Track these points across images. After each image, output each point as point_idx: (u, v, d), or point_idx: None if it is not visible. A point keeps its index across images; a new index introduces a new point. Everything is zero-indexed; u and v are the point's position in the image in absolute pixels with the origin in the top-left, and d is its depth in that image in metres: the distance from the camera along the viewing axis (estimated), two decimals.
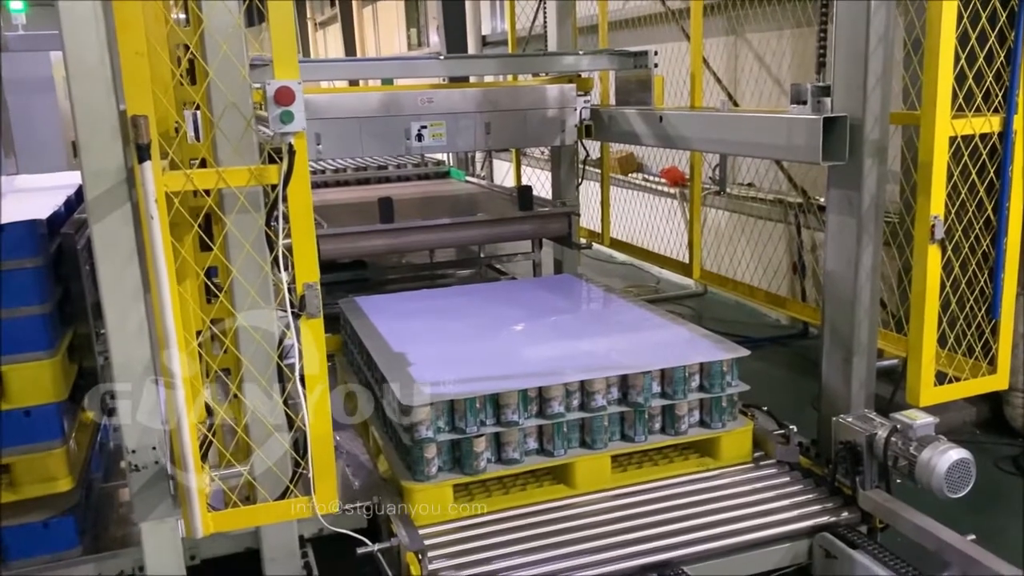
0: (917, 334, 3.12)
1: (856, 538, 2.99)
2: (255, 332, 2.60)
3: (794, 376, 5.35)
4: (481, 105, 4.76)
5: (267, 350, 2.61)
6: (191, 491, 2.43)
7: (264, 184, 2.39)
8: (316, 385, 2.49)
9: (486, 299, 4.52)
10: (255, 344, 2.61)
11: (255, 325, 2.60)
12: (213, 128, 2.49)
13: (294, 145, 2.33)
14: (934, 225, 3.01)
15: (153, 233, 2.26)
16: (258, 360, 2.61)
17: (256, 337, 2.54)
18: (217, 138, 2.49)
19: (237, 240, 2.52)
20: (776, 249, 6.17)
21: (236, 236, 2.47)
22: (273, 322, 2.65)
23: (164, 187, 2.29)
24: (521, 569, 2.86)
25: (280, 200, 2.36)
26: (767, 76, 6.39)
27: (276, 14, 2.31)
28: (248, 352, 2.64)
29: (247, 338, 2.64)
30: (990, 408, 4.33)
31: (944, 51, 2.89)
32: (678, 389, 3.43)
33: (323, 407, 2.52)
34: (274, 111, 2.27)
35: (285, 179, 2.34)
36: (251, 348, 2.62)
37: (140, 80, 2.22)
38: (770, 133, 3.62)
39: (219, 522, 2.54)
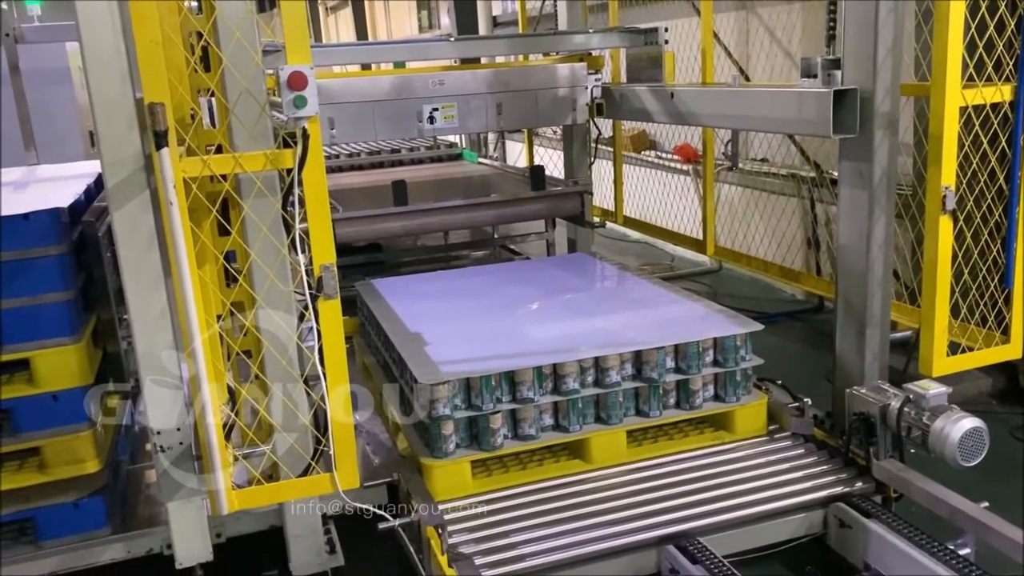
0: (930, 305, 3.13)
1: (870, 507, 3.03)
2: (274, 315, 2.66)
3: (809, 350, 5.36)
4: (492, 86, 4.78)
5: (287, 330, 2.67)
6: (216, 470, 2.49)
7: (280, 168, 2.43)
8: (335, 364, 2.54)
9: (501, 279, 4.56)
10: (275, 327, 2.67)
11: (274, 308, 2.66)
12: (228, 114, 2.53)
13: (308, 129, 2.37)
14: (945, 196, 3.02)
15: (173, 219, 2.31)
16: (278, 343, 2.66)
17: (275, 318, 2.60)
18: (232, 124, 2.53)
19: (255, 224, 2.57)
20: (790, 224, 6.16)
21: (254, 220, 2.52)
22: (292, 304, 2.70)
23: (182, 173, 2.33)
24: (539, 542, 2.91)
25: (296, 184, 2.40)
26: (778, 49, 6.35)
27: (288, 1, 2.34)
28: (268, 335, 2.70)
29: (267, 321, 2.69)
30: (1006, 378, 4.33)
31: (954, 20, 2.88)
32: (692, 364, 3.46)
33: (342, 386, 2.57)
34: (287, 96, 2.31)
35: (300, 163, 2.38)
36: (271, 331, 2.68)
37: (156, 68, 2.27)
38: (781, 107, 3.63)
39: (243, 499, 2.60)
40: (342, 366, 2.57)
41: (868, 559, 2.93)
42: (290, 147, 2.45)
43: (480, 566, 2.72)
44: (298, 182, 2.40)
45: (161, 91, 2.27)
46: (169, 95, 2.30)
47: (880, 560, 2.88)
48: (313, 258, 2.47)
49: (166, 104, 2.27)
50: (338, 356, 2.55)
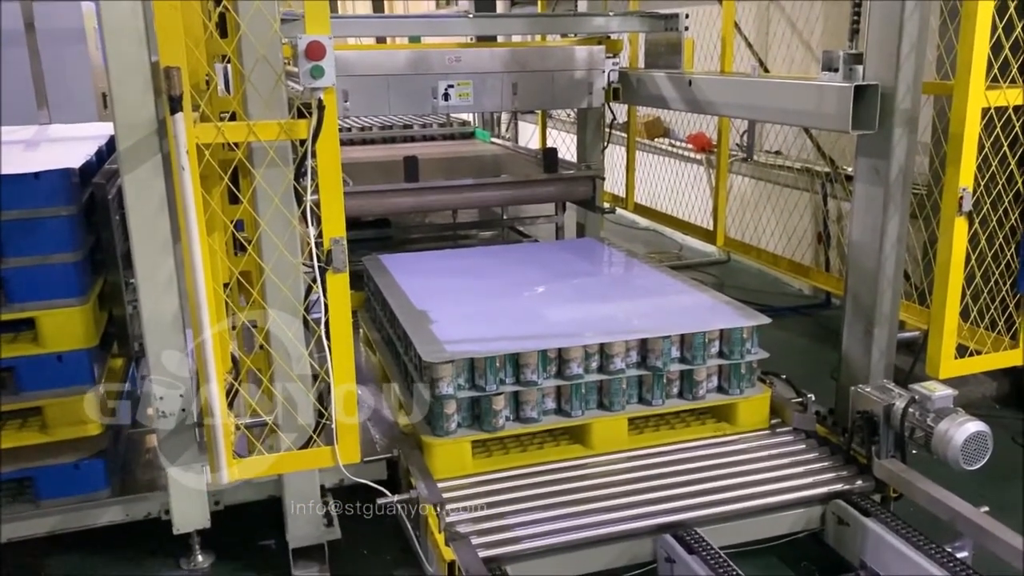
0: (940, 306, 3.11)
1: (869, 506, 3.02)
2: (282, 286, 2.65)
3: (815, 346, 5.34)
4: (509, 65, 4.74)
5: (293, 302, 2.66)
6: (218, 438, 2.49)
7: (294, 139, 2.41)
8: (341, 338, 2.54)
9: (509, 260, 4.54)
10: (282, 297, 2.66)
11: (282, 279, 2.65)
12: (244, 82, 2.51)
13: (324, 100, 2.35)
14: (962, 197, 2.99)
15: (184, 184, 2.29)
16: (284, 312, 2.66)
17: (283, 288, 2.59)
18: (248, 92, 2.51)
19: (266, 193, 2.55)
20: (802, 218, 6.13)
21: (265, 190, 2.51)
22: (299, 276, 2.69)
23: (195, 139, 2.31)
24: (536, 525, 2.91)
25: (309, 155, 2.38)
26: (798, 42, 6.29)
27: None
28: (275, 305, 2.69)
29: (274, 292, 2.68)
30: (1011, 383, 4.32)
31: (981, 20, 2.84)
32: (697, 354, 3.45)
33: (347, 360, 2.57)
34: (305, 66, 2.29)
35: (314, 134, 2.37)
36: (278, 301, 2.67)
37: (173, 32, 2.24)
38: (800, 100, 3.60)
39: (244, 469, 2.61)
40: (348, 340, 2.56)
41: (865, 557, 2.93)
42: (304, 118, 2.43)
43: (476, 546, 2.72)
44: (312, 153, 2.38)
45: (177, 55, 2.25)
46: (185, 59, 2.27)
47: (877, 559, 2.88)
48: (323, 231, 2.46)
49: (182, 68, 2.25)
50: (344, 330, 2.54)
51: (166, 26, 2.24)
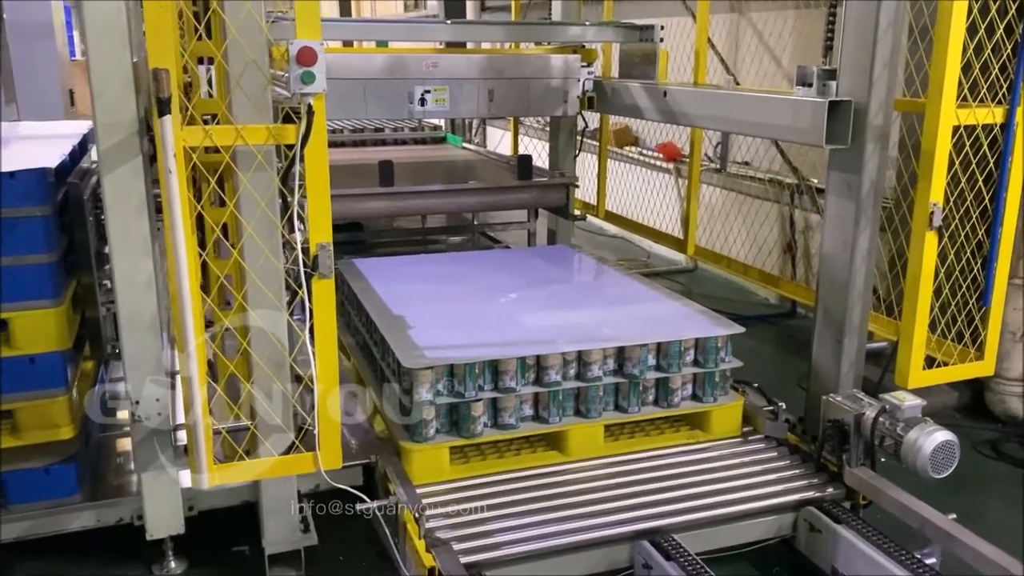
0: (910, 318, 3.19)
1: (841, 513, 3.09)
2: (267, 291, 2.63)
3: (780, 354, 5.44)
4: (485, 72, 4.75)
5: (277, 306, 2.64)
6: (199, 443, 2.47)
7: (281, 143, 2.40)
8: (325, 343, 2.53)
9: (483, 266, 4.56)
10: (266, 301, 2.64)
11: (266, 283, 2.63)
12: (232, 85, 2.49)
13: (313, 106, 2.34)
14: (933, 212, 3.07)
15: (171, 187, 2.27)
16: (268, 316, 2.64)
17: (268, 294, 2.57)
18: (235, 96, 2.49)
19: (251, 197, 2.54)
20: (772, 229, 6.24)
21: (251, 193, 2.50)
22: (282, 280, 2.68)
23: (183, 142, 2.29)
24: (515, 531, 2.92)
25: (297, 160, 2.38)
26: (768, 55, 6.40)
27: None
28: (258, 309, 2.67)
29: (257, 296, 2.66)
30: (971, 393, 4.44)
31: (953, 41, 2.92)
32: (673, 362, 3.49)
33: (331, 365, 2.56)
34: (296, 71, 2.28)
35: (303, 139, 2.36)
36: (261, 305, 2.65)
37: (163, 33, 2.22)
38: (775, 114, 3.66)
39: (225, 475, 2.58)
40: (332, 345, 2.55)
41: (836, 564, 2.99)
42: (292, 122, 2.42)
43: (457, 552, 2.72)
44: (300, 158, 2.37)
45: (167, 56, 2.23)
46: (175, 61, 2.25)
47: (849, 565, 2.94)
48: (310, 236, 2.45)
49: (171, 70, 2.23)
50: (329, 335, 2.53)
51: (156, 27, 2.22)
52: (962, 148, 3.17)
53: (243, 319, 2.63)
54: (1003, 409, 4.33)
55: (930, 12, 3.38)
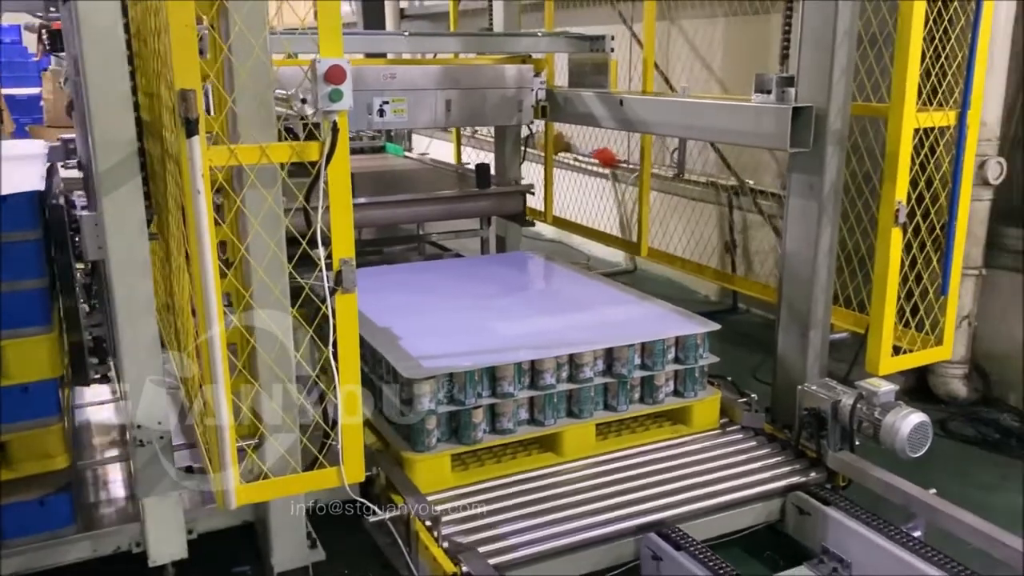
0: (878, 309, 3.40)
1: (828, 495, 3.28)
2: (293, 310, 2.62)
3: (730, 348, 5.62)
4: (442, 82, 4.80)
5: (284, 324, 2.64)
6: (227, 464, 2.45)
7: (305, 160, 2.41)
8: (348, 360, 2.54)
9: (454, 275, 4.61)
10: (276, 320, 2.64)
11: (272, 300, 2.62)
12: (228, 104, 2.48)
13: (338, 123, 2.36)
14: (898, 210, 3.30)
15: (199, 208, 2.25)
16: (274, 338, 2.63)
17: (294, 313, 2.58)
18: (240, 114, 2.49)
19: (275, 215, 2.54)
20: (716, 230, 6.49)
21: (275, 211, 2.50)
22: (287, 298, 2.67)
23: (209, 161, 2.28)
24: (526, 532, 3.00)
25: (322, 177, 2.39)
26: (698, 62, 6.65)
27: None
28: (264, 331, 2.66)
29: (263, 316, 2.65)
30: (916, 378, 4.73)
31: (913, 50, 3.15)
32: (657, 361, 3.63)
33: (354, 379, 2.57)
34: (324, 89, 2.30)
35: (328, 156, 2.38)
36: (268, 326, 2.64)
37: (189, 53, 2.20)
38: (738, 120, 3.83)
39: (250, 494, 2.56)
40: (355, 362, 2.57)
41: (827, 543, 3.17)
42: (314, 139, 2.43)
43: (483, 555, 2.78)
44: (324, 177, 2.39)
45: (193, 77, 2.22)
46: (199, 82, 2.24)
47: (839, 544, 3.12)
48: (333, 251, 2.46)
49: (198, 91, 2.22)
50: (352, 352, 2.55)
51: (183, 48, 2.19)
52: (922, 150, 3.41)
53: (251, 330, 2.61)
54: (946, 391, 4.64)
55: (878, 21, 3.63)
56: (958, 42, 3.36)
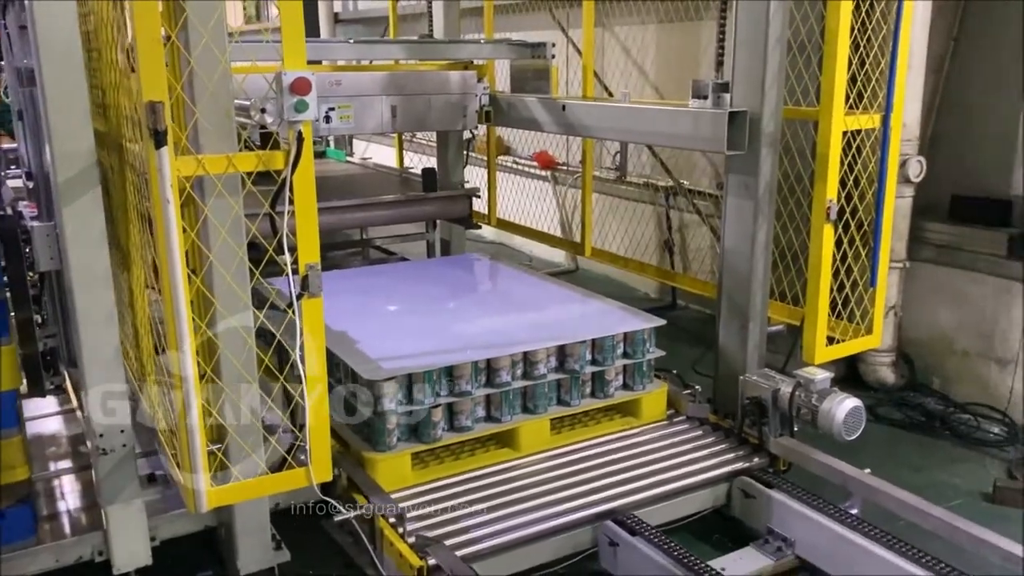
0: (813, 301, 3.60)
1: (772, 479, 3.46)
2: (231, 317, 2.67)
3: (671, 343, 5.78)
4: (387, 88, 4.88)
5: (247, 329, 2.70)
6: (197, 468, 2.49)
7: (271, 169, 2.47)
8: (315, 362, 2.61)
9: (405, 278, 4.68)
10: (242, 325, 2.69)
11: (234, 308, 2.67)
12: (195, 115, 2.52)
13: (303, 132, 2.43)
14: (829, 207, 3.50)
15: (168, 216, 2.30)
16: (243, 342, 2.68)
17: (260, 317, 2.63)
18: (203, 125, 2.53)
19: (240, 223, 2.59)
20: (654, 230, 6.68)
21: (243, 220, 2.56)
22: (249, 303, 2.72)
23: (177, 172, 2.33)
24: (488, 525, 3.11)
25: (288, 186, 2.46)
26: (631, 65, 6.84)
27: (285, 6, 2.40)
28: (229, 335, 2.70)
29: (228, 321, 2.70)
30: (846, 366, 4.98)
31: (840, 56, 3.35)
32: (607, 356, 3.77)
33: (321, 380, 2.64)
34: (289, 100, 2.36)
35: (294, 165, 2.44)
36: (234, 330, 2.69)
37: (156, 66, 2.25)
38: (678, 124, 4.01)
39: (222, 496, 2.61)
40: (322, 364, 2.64)
41: (772, 524, 3.35)
42: (252, 148, 2.49)
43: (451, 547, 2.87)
44: (290, 184, 2.46)
45: (161, 89, 2.26)
46: (167, 94, 2.28)
47: (783, 524, 3.30)
48: (299, 257, 2.53)
49: (165, 103, 2.26)
50: (319, 353, 2.62)
51: (150, 61, 2.24)
52: (850, 151, 3.62)
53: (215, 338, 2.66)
54: (875, 378, 4.90)
55: (806, 29, 3.84)
56: (880, 49, 3.58)
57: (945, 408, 4.72)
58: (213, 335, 2.63)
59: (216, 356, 2.67)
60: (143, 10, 2.24)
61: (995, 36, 4.55)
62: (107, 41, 2.85)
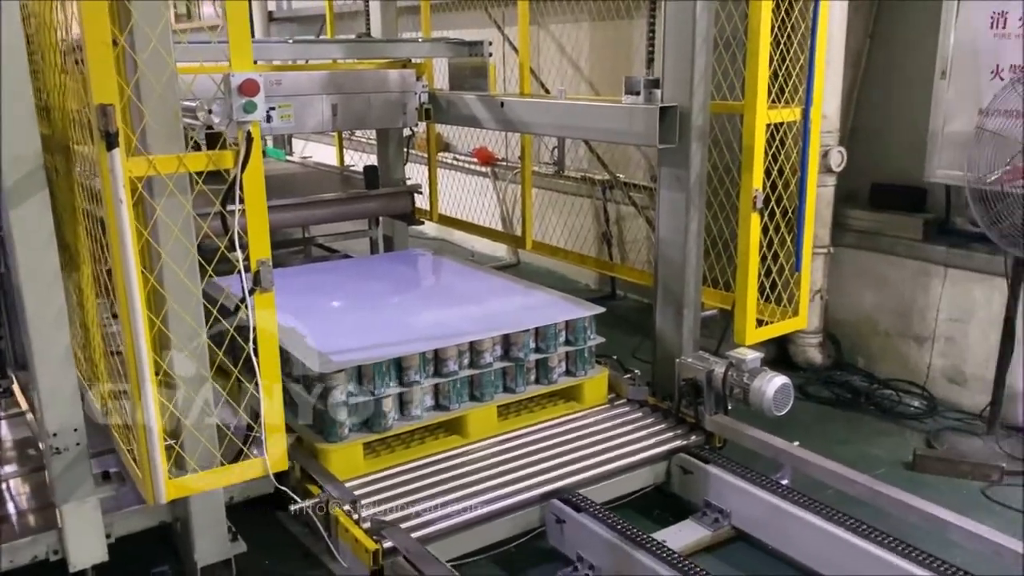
0: (743, 286, 3.80)
1: (708, 455, 3.65)
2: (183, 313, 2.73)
3: (610, 331, 5.98)
4: (327, 87, 4.93)
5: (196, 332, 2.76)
6: (155, 460, 2.55)
7: (220, 168, 2.54)
8: (268, 354, 2.69)
9: (349, 275, 4.76)
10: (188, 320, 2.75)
11: (182, 304, 2.73)
12: (143, 115, 2.58)
13: (251, 132, 2.51)
14: (755, 197, 3.70)
15: (121, 216, 2.36)
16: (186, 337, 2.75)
17: (214, 308, 2.69)
18: (151, 126, 2.59)
19: (191, 223, 2.66)
20: (592, 223, 6.86)
21: (196, 219, 2.62)
22: (200, 303, 2.79)
23: (128, 172, 2.39)
24: (439, 509, 3.22)
25: (238, 184, 2.53)
26: (568, 64, 7.00)
27: (232, 8, 2.47)
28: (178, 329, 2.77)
29: (178, 322, 2.76)
30: (776, 348, 5.22)
31: (763, 53, 3.55)
32: (550, 344, 3.92)
33: (274, 373, 2.72)
34: (238, 101, 2.44)
35: (243, 164, 2.52)
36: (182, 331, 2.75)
37: (106, 70, 2.31)
38: (612, 120, 4.15)
39: (180, 488, 2.67)
40: (275, 356, 2.72)
41: (709, 497, 3.54)
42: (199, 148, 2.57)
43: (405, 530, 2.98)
44: (239, 183, 2.53)
45: (111, 92, 2.32)
46: (118, 96, 2.34)
47: (719, 497, 3.49)
48: (251, 253, 2.61)
49: (116, 105, 2.32)
50: (272, 347, 2.70)
51: (99, 64, 2.29)
52: (774, 142, 3.83)
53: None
54: (804, 358, 5.15)
55: (731, 27, 4.03)
56: (800, 46, 3.79)
57: (869, 385, 4.99)
58: (167, 331, 2.69)
59: (170, 352, 2.73)
60: (92, 13, 2.29)
61: (906, 34, 4.83)
62: (49, 44, 2.89)
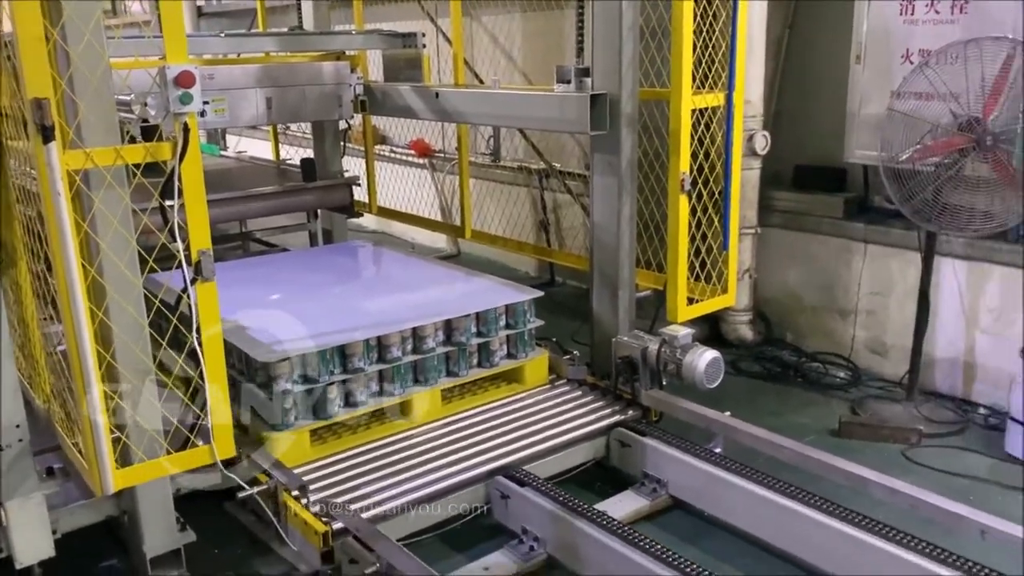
0: (673, 266, 3.95)
1: (645, 428, 3.79)
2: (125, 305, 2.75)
3: (550, 316, 6.10)
4: (261, 81, 4.94)
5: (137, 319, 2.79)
6: (102, 451, 2.58)
7: (158, 160, 2.58)
8: (212, 341, 2.74)
9: (289, 268, 4.79)
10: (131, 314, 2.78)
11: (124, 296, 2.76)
12: (76, 109, 2.60)
13: (188, 124, 2.55)
14: (683, 179, 3.84)
15: (59, 209, 2.38)
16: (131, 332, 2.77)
17: (128, 308, 2.72)
18: (86, 120, 2.60)
19: (108, 214, 2.67)
20: (530, 211, 6.97)
21: (135, 210, 2.65)
22: (141, 293, 2.82)
23: (66, 166, 2.41)
24: (387, 490, 3.30)
25: (176, 176, 2.57)
26: (501, 54, 7.10)
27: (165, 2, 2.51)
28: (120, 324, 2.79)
29: (118, 311, 2.78)
30: (709, 326, 5.41)
31: (686, 41, 3.69)
32: (491, 328, 4.02)
33: (219, 361, 2.77)
34: (174, 92, 2.48)
35: (181, 155, 2.56)
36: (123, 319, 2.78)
37: (40, 64, 2.33)
38: (544, 108, 4.26)
39: (128, 477, 2.70)
40: (219, 343, 2.77)
41: (646, 469, 3.68)
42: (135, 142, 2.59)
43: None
44: (178, 174, 2.57)
45: (45, 86, 2.34)
46: (52, 91, 2.36)
47: (656, 468, 3.64)
48: (191, 244, 2.65)
49: (50, 99, 2.34)
50: (216, 334, 2.74)
51: (33, 59, 2.31)
52: (699, 127, 3.98)
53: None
54: (736, 336, 5.35)
55: (656, 16, 4.17)
56: (721, 35, 3.94)
57: (798, 359, 5.21)
58: (109, 323, 2.71)
59: (112, 345, 2.75)
60: (23, 9, 2.31)
61: (823, 23, 5.05)
62: None
